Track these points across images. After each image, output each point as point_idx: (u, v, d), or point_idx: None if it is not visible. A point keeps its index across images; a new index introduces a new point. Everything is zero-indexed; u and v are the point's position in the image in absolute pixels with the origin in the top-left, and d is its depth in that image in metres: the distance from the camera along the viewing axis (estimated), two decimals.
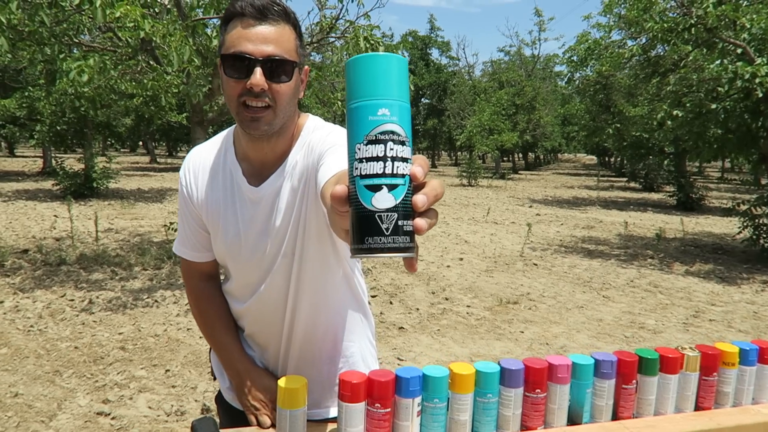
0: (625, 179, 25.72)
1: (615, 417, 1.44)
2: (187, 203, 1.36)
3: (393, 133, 0.63)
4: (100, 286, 6.00)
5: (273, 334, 1.38)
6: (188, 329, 4.75)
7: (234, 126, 1.33)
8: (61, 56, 6.21)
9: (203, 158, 1.35)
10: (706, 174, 32.98)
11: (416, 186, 0.63)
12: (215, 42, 5.50)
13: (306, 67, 1.27)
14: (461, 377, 1.30)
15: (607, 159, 38.34)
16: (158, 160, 33.51)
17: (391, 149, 0.62)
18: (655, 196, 19.73)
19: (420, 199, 0.61)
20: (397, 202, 0.62)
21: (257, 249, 1.30)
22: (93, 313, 5.10)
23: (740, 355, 1.52)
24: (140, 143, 39.51)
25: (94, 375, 3.81)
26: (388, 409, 1.26)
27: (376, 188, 0.62)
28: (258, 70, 1.10)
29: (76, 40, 6.61)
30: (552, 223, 12.45)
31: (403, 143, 0.63)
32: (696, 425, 1.41)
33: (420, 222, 0.61)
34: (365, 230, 0.62)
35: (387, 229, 0.61)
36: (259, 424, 1.33)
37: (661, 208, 16.08)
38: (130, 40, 6.21)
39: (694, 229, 11.80)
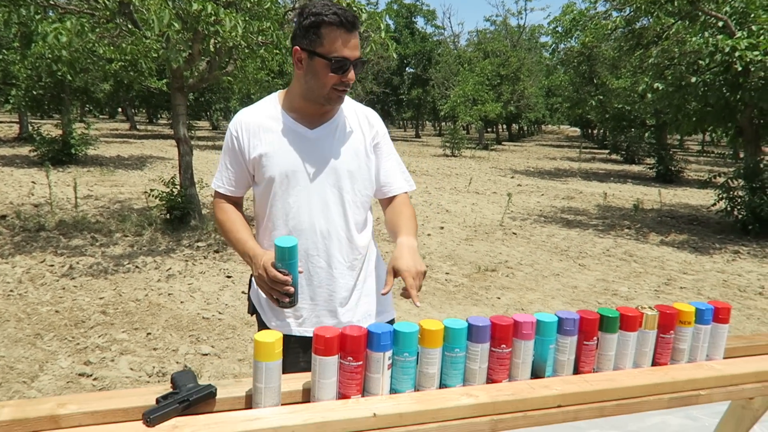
0: (607, 151, 25.88)
1: (576, 371, 1.51)
2: (234, 150, 1.74)
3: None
4: (80, 252, 5.98)
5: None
6: (169, 294, 4.79)
7: (277, 92, 1.79)
8: (37, 17, 6.06)
9: (253, 114, 1.74)
10: (686, 147, 33.34)
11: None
12: (195, 6, 5.39)
13: None
14: (430, 333, 1.36)
15: (590, 131, 38.48)
16: (138, 127, 32.94)
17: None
18: (635, 168, 19.94)
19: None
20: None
21: (315, 176, 1.69)
22: (73, 278, 5.11)
23: (696, 315, 1.59)
24: (119, 110, 38.76)
25: (75, 338, 3.85)
26: (360, 363, 1.32)
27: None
28: (351, 69, 1.61)
29: (52, 2, 6.44)
30: (533, 193, 12.58)
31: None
32: (652, 379, 1.49)
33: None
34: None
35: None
36: (280, 306, 1.59)
37: (641, 179, 16.30)
38: (108, 2, 6.08)
39: (671, 200, 12.00)
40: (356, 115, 1.79)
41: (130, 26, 6.60)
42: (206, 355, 3.69)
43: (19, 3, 5.77)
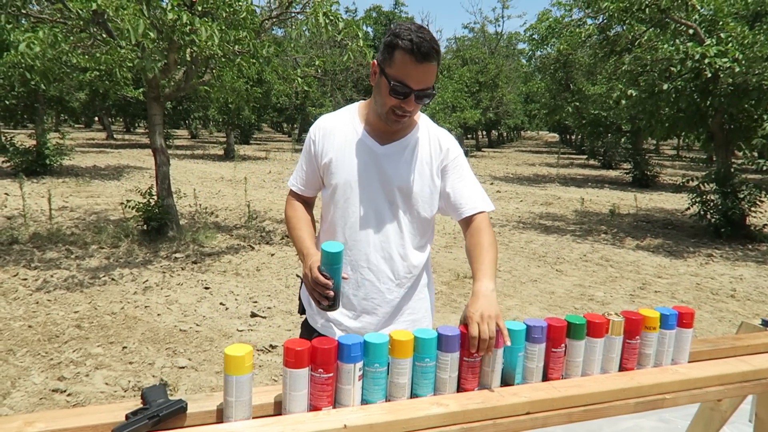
0: (585, 157, 26.21)
1: (545, 378, 1.53)
2: (310, 153, 1.81)
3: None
4: (54, 264, 5.89)
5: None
6: (146, 307, 4.74)
7: (359, 102, 1.84)
8: (9, 26, 5.98)
9: (331, 121, 1.81)
10: (661, 152, 33.90)
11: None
12: (170, 15, 5.37)
13: None
14: (400, 343, 1.38)
15: (568, 137, 38.94)
16: (115, 136, 32.55)
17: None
18: (612, 173, 20.22)
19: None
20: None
21: (375, 190, 1.74)
22: (48, 291, 5.03)
23: (661, 320, 1.63)
24: (96, 119, 38.23)
25: (48, 353, 3.79)
26: (331, 374, 1.32)
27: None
28: (412, 98, 1.60)
29: (24, 11, 6.36)
30: (512, 199, 12.70)
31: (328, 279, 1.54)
32: (618, 384, 1.52)
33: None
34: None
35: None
36: (320, 308, 1.59)
37: (618, 184, 16.53)
38: (81, 11, 6.02)
39: (647, 205, 12.20)
40: (428, 137, 1.80)
41: (104, 36, 6.54)
42: (183, 368, 3.66)
43: None
